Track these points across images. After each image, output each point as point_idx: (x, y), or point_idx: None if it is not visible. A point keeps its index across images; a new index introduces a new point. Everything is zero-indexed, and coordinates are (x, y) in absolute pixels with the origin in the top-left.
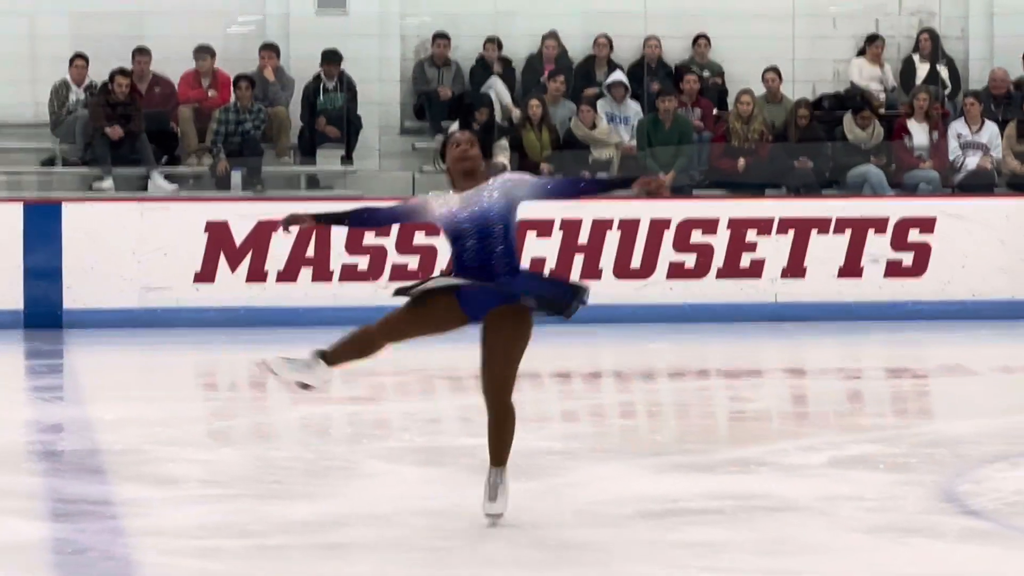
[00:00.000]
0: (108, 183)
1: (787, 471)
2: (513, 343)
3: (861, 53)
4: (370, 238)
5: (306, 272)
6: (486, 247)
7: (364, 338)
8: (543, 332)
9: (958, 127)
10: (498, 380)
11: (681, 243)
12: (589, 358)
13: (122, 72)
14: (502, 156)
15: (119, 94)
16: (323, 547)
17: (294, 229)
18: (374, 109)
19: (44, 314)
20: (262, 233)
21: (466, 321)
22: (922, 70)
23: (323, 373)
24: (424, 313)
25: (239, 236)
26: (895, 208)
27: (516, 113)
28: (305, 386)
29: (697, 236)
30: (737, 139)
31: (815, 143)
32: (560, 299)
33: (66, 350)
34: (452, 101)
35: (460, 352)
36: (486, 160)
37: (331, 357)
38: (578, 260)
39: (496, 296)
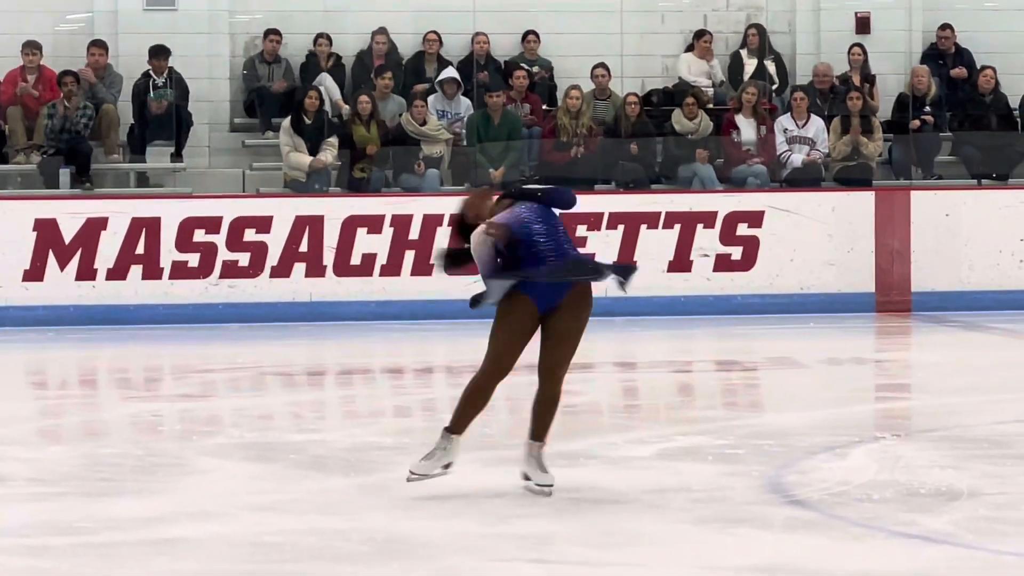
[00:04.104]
0: None
1: (616, 464)
2: (584, 326)
3: (689, 49)
4: (200, 235)
5: (136, 270)
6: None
7: (479, 394)
8: (374, 328)
9: (785, 122)
10: (566, 361)
11: None
12: (421, 353)
13: None
14: (330, 152)
15: None
16: (151, 543)
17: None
18: (204, 106)
19: None
20: (91, 231)
21: (538, 319)
22: (750, 65)
23: (456, 445)
24: (517, 333)
25: (68, 234)
26: (724, 202)
27: (346, 109)
28: (447, 465)
29: None
30: (566, 135)
31: (644, 138)
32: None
33: None
34: (282, 97)
35: (291, 348)
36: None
37: (458, 427)
38: (409, 256)
39: (566, 283)
